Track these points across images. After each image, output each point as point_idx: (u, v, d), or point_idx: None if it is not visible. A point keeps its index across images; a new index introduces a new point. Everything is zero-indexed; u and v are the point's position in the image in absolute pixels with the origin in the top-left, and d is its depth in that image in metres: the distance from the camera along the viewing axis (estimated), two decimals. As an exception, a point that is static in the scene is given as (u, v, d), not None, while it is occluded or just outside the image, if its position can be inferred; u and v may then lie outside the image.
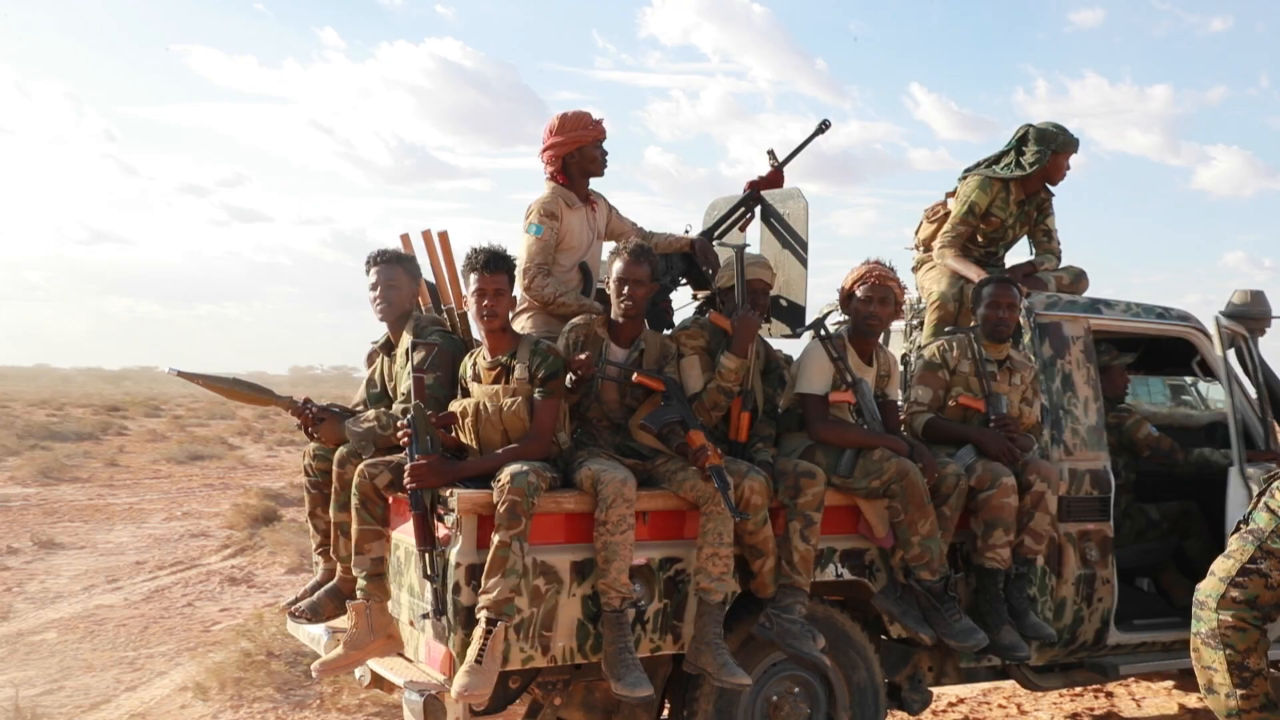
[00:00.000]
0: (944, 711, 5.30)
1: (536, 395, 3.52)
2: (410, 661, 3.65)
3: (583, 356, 3.62)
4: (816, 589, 3.80)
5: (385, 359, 4.14)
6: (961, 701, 5.47)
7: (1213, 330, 4.73)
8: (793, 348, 4.71)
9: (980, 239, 4.97)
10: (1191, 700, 5.56)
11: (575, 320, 3.84)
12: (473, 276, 3.59)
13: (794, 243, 4.53)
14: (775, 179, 4.66)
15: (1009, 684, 5.53)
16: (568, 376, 3.60)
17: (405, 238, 4.33)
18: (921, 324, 4.88)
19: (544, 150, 4.16)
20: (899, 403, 4.28)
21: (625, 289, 3.71)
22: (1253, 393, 4.89)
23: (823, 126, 4.70)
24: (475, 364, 3.69)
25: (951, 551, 3.98)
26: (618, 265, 3.76)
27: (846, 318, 4.27)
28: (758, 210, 4.67)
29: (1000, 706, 5.43)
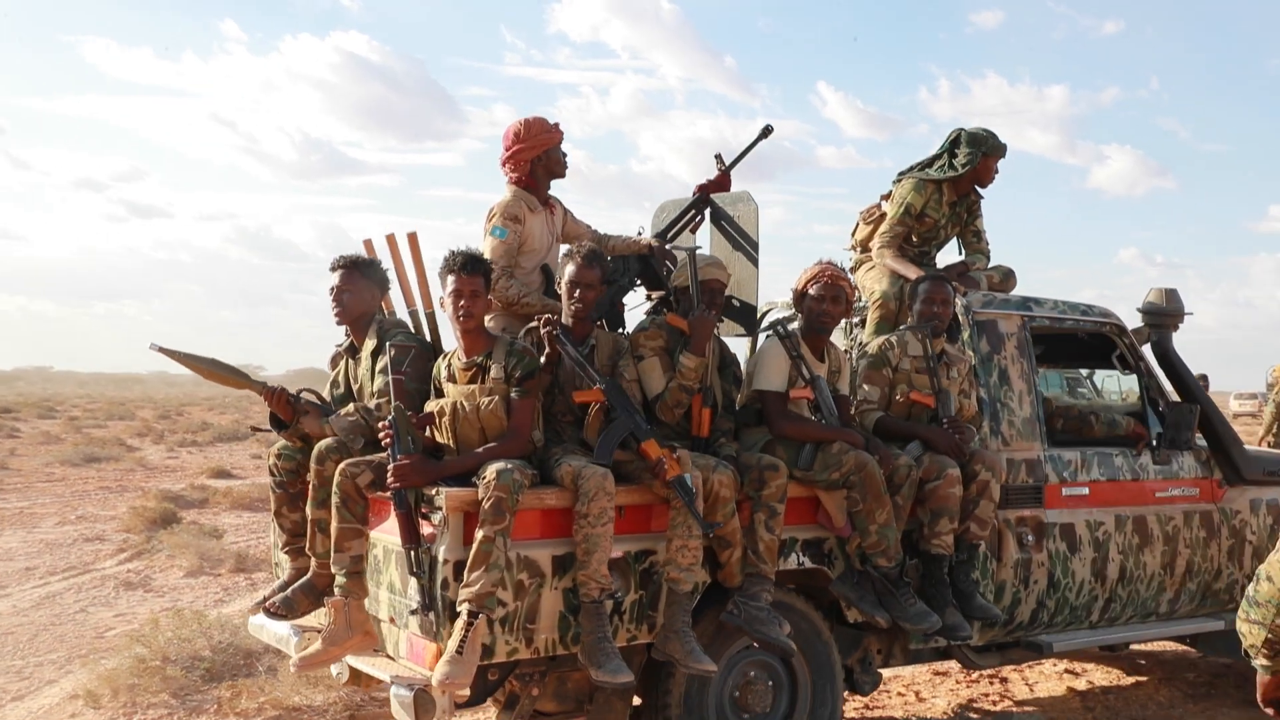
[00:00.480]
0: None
1: (513, 394, 3.62)
2: (391, 659, 3.70)
3: (546, 330, 3.74)
4: (779, 577, 3.96)
5: (349, 361, 4.18)
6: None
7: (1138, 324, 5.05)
8: (738, 346, 4.91)
9: (915, 239, 5.19)
10: (1081, 684, 5.89)
11: (532, 323, 3.95)
12: (450, 278, 3.66)
13: (745, 244, 4.71)
14: (723, 182, 4.84)
15: (908, 671, 5.83)
16: (542, 357, 3.74)
17: (369, 243, 4.39)
18: (862, 322, 5.09)
19: (509, 156, 4.26)
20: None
21: (577, 292, 3.85)
22: (1168, 385, 5.23)
23: (766, 131, 4.91)
24: (450, 364, 3.77)
25: (904, 538, 4.18)
26: (570, 269, 3.88)
27: (797, 315, 4.45)
28: (707, 213, 4.85)
29: (899, 694, 5.58)
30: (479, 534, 3.30)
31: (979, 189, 5.27)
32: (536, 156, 4.23)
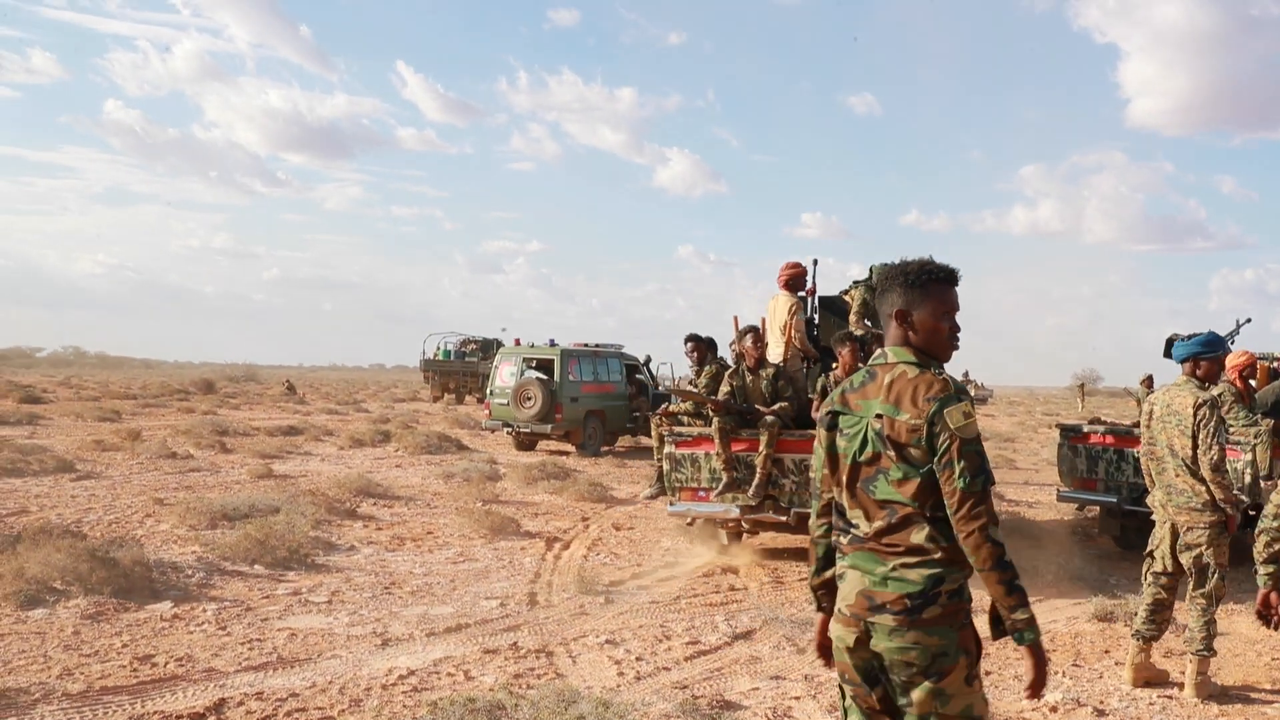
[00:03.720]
0: (394, 685, 5.46)
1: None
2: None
3: None
4: None
5: (750, 375, 8.92)
6: (412, 673, 5.66)
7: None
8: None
9: None
10: (620, 653, 6.16)
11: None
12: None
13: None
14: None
15: (459, 653, 6.05)
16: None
17: (735, 319, 8.00)
18: None
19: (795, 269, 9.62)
20: None
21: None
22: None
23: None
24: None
25: None
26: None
27: None
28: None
29: (450, 674, 5.69)
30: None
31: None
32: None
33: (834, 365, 8.86)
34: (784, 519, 8.56)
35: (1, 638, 6.05)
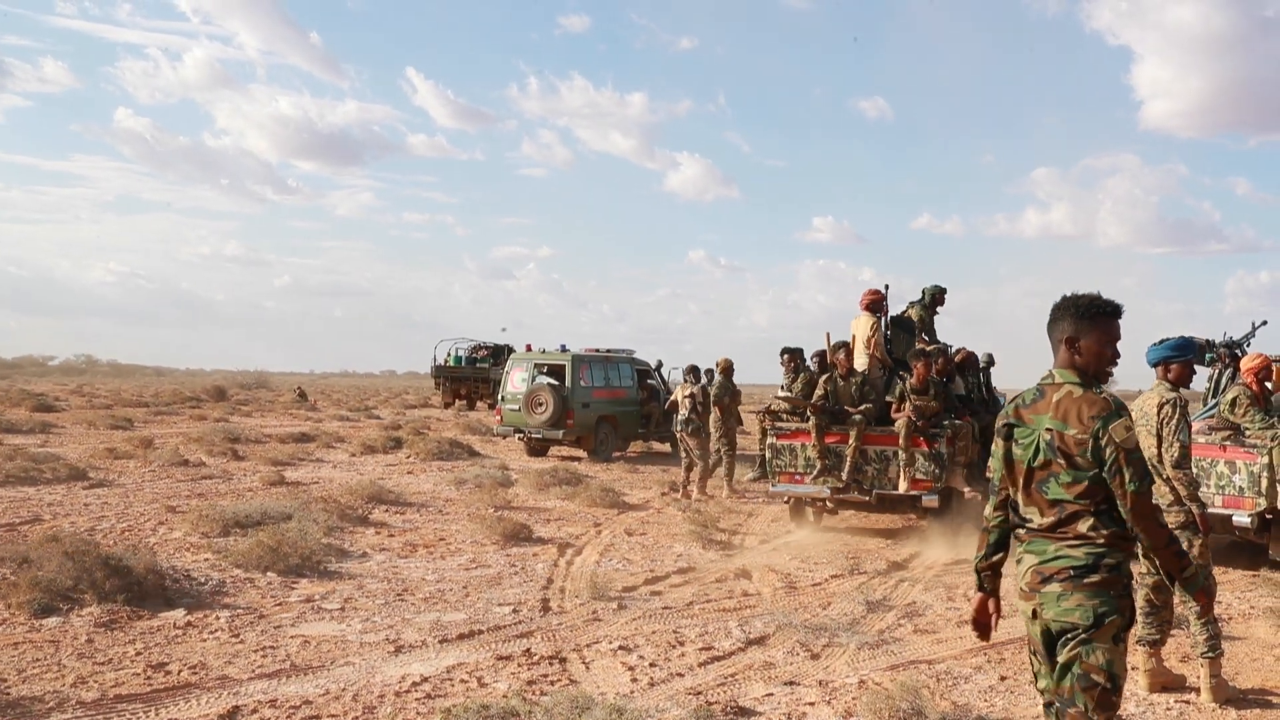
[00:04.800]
0: (407, 692, 5.45)
1: None
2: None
3: None
4: None
5: (839, 379, 10.80)
6: (425, 680, 5.66)
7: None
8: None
9: None
10: (633, 659, 6.13)
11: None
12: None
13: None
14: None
15: (472, 660, 6.04)
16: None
17: (828, 335, 8.34)
18: None
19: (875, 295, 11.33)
20: None
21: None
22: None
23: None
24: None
25: None
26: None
27: None
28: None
29: (463, 681, 5.67)
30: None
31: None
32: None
33: (904, 375, 10.95)
34: (866, 499, 10.82)
35: (15, 646, 6.06)
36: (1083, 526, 3.24)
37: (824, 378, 11.14)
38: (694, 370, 15.49)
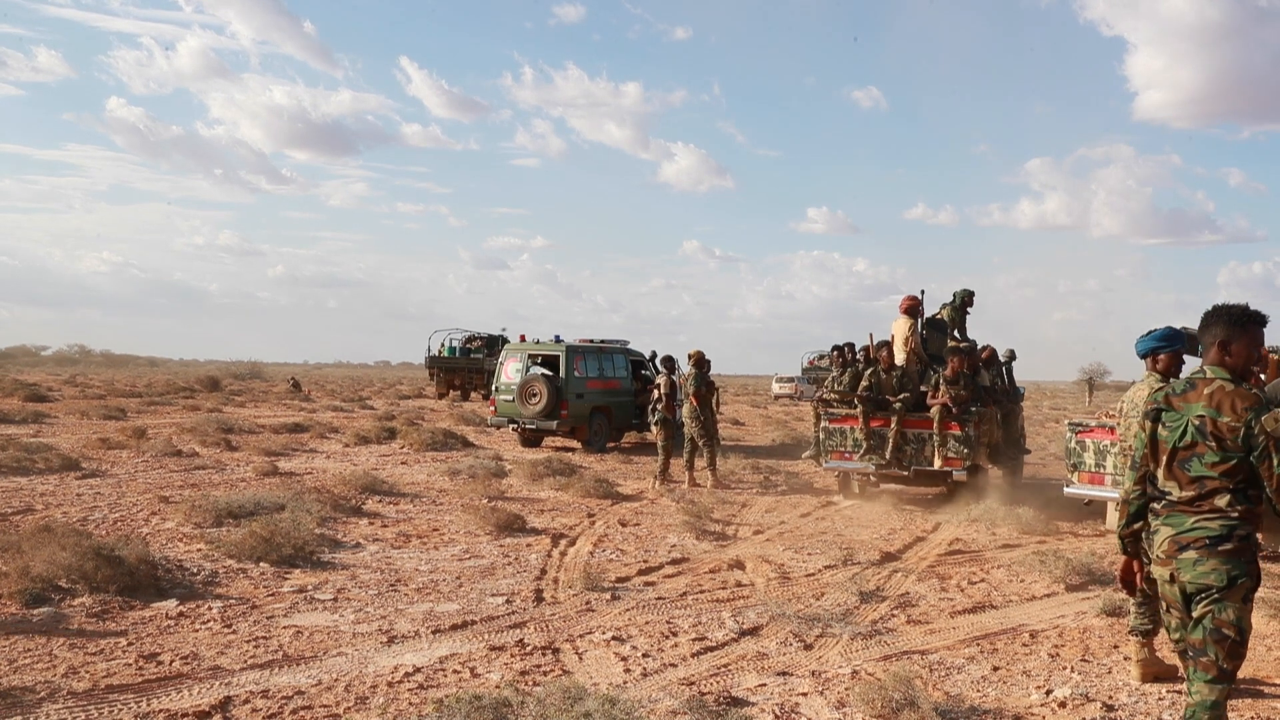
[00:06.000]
0: (400, 682, 5.44)
1: None
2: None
3: None
4: None
5: (882, 372, 12.92)
6: (418, 671, 5.66)
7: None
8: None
9: None
10: (626, 650, 6.14)
11: None
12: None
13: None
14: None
15: (465, 650, 6.02)
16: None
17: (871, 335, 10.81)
18: None
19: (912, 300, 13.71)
20: None
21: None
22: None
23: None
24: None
25: None
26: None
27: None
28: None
29: (455, 671, 5.67)
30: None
31: None
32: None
33: (936, 369, 13.23)
34: (905, 473, 13.01)
35: (7, 636, 6.05)
36: (1220, 501, 3.72)
37: (869, 371, 13.21)
38: (669, 361, 15.72)
